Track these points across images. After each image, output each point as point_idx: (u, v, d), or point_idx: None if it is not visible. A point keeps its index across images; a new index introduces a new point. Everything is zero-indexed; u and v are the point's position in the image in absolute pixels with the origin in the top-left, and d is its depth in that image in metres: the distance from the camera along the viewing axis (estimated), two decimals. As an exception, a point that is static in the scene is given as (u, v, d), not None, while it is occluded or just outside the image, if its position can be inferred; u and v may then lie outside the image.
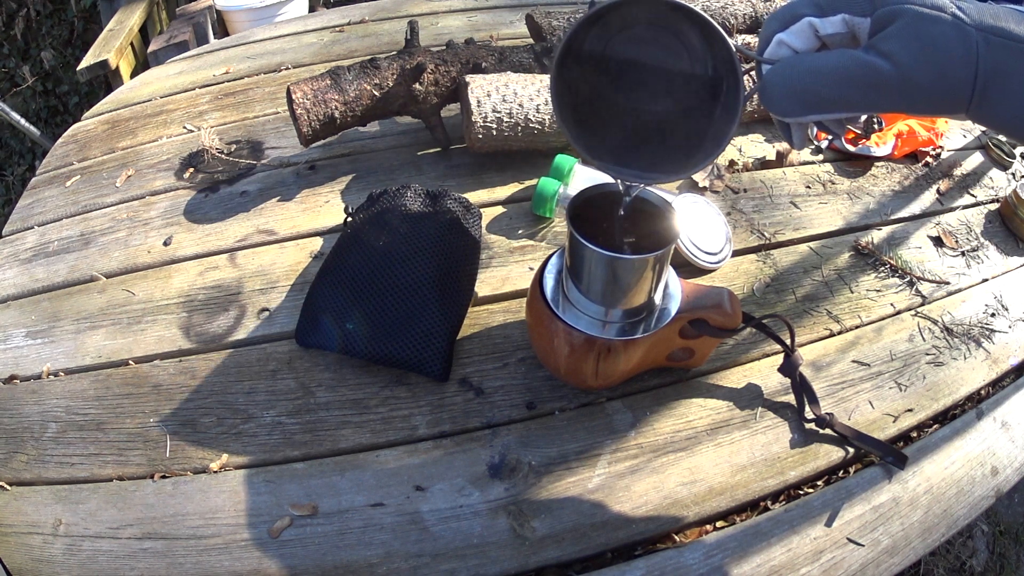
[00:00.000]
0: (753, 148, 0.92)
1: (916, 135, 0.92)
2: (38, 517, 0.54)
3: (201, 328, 0.68)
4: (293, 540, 0.52)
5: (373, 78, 0.79)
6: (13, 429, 0.60)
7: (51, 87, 2.57)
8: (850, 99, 0.35)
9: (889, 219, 0.85)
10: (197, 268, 0.74)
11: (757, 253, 0.78)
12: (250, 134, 0.93)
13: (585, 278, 0.51)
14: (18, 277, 0.75)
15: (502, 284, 0.72)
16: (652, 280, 0.51)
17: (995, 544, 1.41)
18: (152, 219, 0.80)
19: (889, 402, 0.65)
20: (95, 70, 1.57)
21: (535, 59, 0.87)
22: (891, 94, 0.34)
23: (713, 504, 0.56)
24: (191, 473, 0.57)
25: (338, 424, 0.60)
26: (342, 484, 0.56)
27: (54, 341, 0.67)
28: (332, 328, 0.62)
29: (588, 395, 0.62)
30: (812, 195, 0.86)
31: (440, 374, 0.62)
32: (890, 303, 0.74)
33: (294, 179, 0.85)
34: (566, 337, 0.54)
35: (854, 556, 0.54)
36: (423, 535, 0.53)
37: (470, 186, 0.83)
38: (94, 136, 0.96)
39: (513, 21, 1.20)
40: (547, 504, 0.55)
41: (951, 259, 0.81)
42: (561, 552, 0.52)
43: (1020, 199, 0.85)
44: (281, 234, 0.77)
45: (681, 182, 0.85)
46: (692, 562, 0.52)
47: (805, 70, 0.36)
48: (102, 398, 0.62)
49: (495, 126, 0.77)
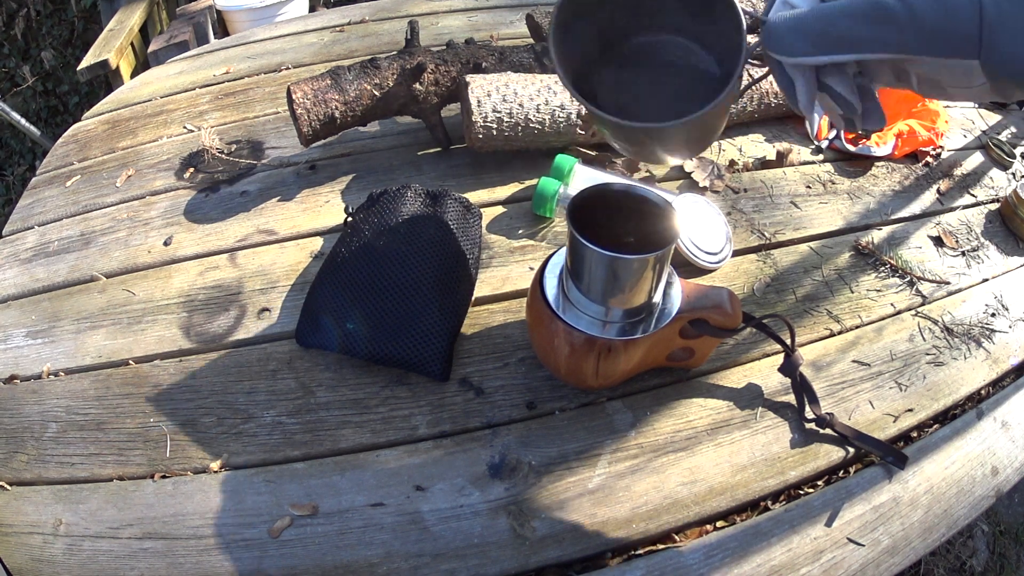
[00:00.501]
0: (753, 148, 0.92)
1: (916, 135, 0.92)
2: (38, 517, 0.54)
3: (201, 328, 0.68)
4: (293, 540, 0.52)
5: (373, 78, 0.79)
6: (13, 429, 0.60)
7: (51, 87, 2.57)
8: (860, 35, 0.35)
9: (889, 219, 0.85)
10: (197, 268, 0.74)
11: (757, 253, 0.78)
12: (250, 134, 0.93)
13: (585, 278, 0.51)
14: (18, 277, 0.75)
15: (502, 284, 0.72)
16: (652, 280, 0.51)
17: (995, 544, 1.41)
18: (152, 219, 0.80)
19: (889, 402, 0.65)
20: (95, 70, 1.57)
21: (535, 59, 0.87)
22: (900, 31, 0.34)
23: (713, 504, 0.56)
24: (191, 473, 0.57)
25: (338, 424, 0.60)
26: (342, 484, 0.56)
27: (54, 341, 0.67)
28: (332, 328, 0.62)
29: (588, 395, 0.62)
30: (812, 195, 0.86)
31: (440, 374, 0.62)
32: (890, 303, 0.74)
33: (294, 179, 0.85)
34: (566, 337, 0.54)
35: (854, 556, 0.54)
36: (423, 535, 0.53)
37: (470, 186, 0.83)
38: (94, 136, 0.96)
39: (513, 21, 1.20)
40: (547, 504, 0.55)
41: (951, 259, 0.81)
42: (561, 552, 0.52)
43: (1020, 199, 0.85)
44: (281, 234, 0.77)
45: (682, 181, 0.85)
46: (692, 562, 0.52)
47: (813, 13, 0.36)
48: (102, 398, 0.62)
49: (495, 126, 0.77)
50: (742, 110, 0.91)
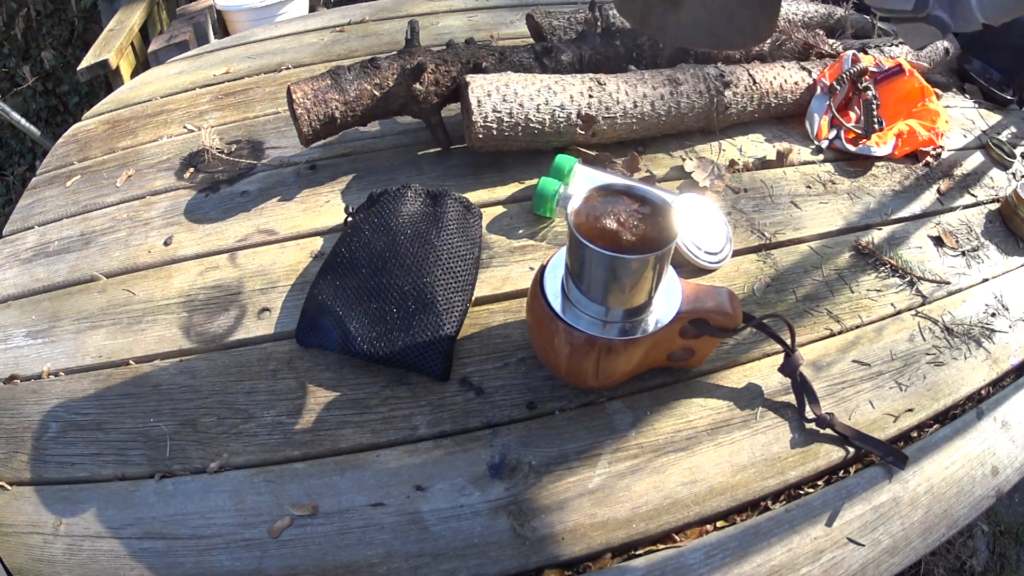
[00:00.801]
0: (753, 148, 0.92)
1: (916, 135, 0.92)
2: (39, 517, 0.54)
3: (201, 328, 0.68)
4: (293, 540, 0.52)
5: (373, 78, 0.79)
6: (14, 429, 0.60)
7: (51, 87, 2.57)
8: None
9: (889, 219, 0.85)
10: (197, 268, 0.74)
11: (757, 253, 0.78)
12: (250, 134, 0.93)
13: (586, 278, 0.51)
14: (18, 277, 0.75)
15: (502, 284, 0.72)
16: (652, 280, 0.51)
17: (995, 544, 1.41)
18: (152, 219, 0.80)
19: (889, 402, 0.65)
20: (95, 70, 1.57)
21: (535, 59, 0.87)
22: None
23: (713, 504, 0.56)
24: (191, 473, 0.57)
25: (338, 424, 0.60)
26: (342, 484, 0.56)
27: (54, 341, 0.67)
28: (332, 328, 0.62)
29: (588, 395, 0.62)
30: (812, 195, 0.86)
31: (441, 374, 0.61)
32: (890, 303, 0.74)
33: (294, 179, 0.85)
34: (567, 337, 0.54)
35: (854, 556, 0.54)
36: (423, 535, 0.53)
37: (470, 186, 0.83)
38: (94, 136, 0.96)
39: (513, 21, 1.20)
40: (547, 504, 0.55)
41: (951, 259, 0.81)
42: (561, 552, 0.52)
43: (1020, 199, 0.85)
44: (281, 234, 0.77)
45: (682, 181, 0.85)
46: (692, 562, 0.52)
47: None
48: (102, 398, 0.62)
49: (495, 126, 0.77)
50: (742, 110, 0.91)
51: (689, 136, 0.92)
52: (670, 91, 0.85)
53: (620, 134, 0.85)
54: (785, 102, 0.94)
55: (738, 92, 0.89)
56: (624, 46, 0.91)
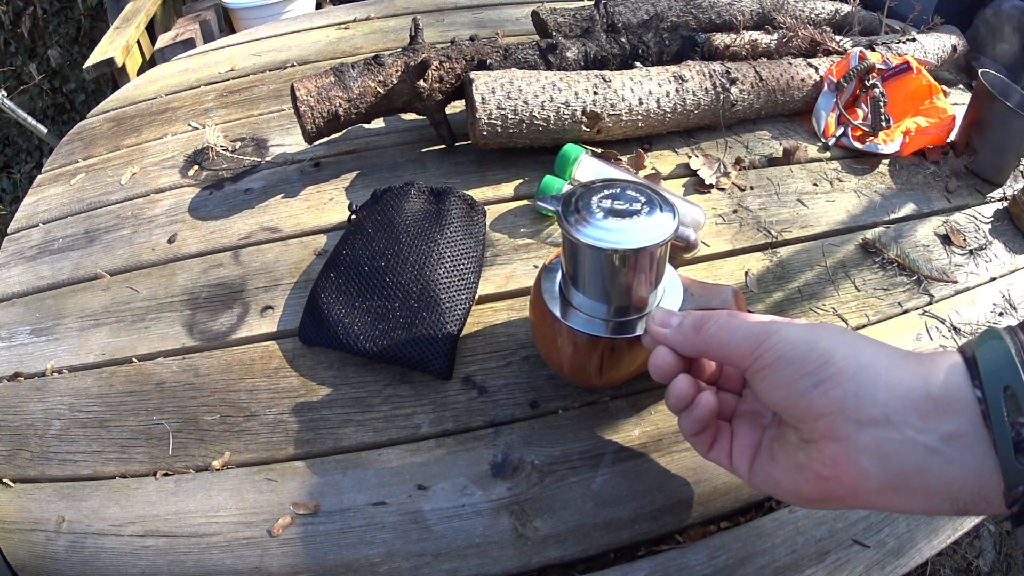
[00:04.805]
0: (760, 145, 0.91)
1: (924, 132, 0.91)
2: (41, 514, 0.54)
3: (204, 326, 0.68)
4: (295, 538, 0.52)
5: (377, 75, 0.78)
6: (17, 426, 0.61)
7: (58, 85, 2.58)
8: None
9: (897, 217, 0.84)
10: (201, 265, 0.74)
11: (764, 251, 0.77)
12: (255, 131, 0.93)
13: (582, 274, 0.51)
14: (23, 275, 0.75)
15: (506, 282, 0.71)
16: (650, 275, 0.50)
17: (1002, 544, 1.40)
18: (157, 216, 0.80)
19: (896, 402, 0.64)
20: (101, 68, 1.58)
21: (540, 56, 0.86)
22: None
23: (717, 504, 0.56)
24: (193, 471, 0.57)
25: (340, 422, 0.60)
26: (344, 483, 0.56)
27: (58, 339, 0.68)
28: (335, 326, 0.62)
29: (592, 394, 0.62)
30: (819, 192, 0.85)
31: (443, 373, 0.61)
32: (897, 301, 0.74)
33: (298, 176, 0.84)
34: (569, 336, 0.54)
35: (859, 557, 0.54)
36: (425, 534, 0.53)
37: (475, 183, 0.83)
38: (99, 134, 0.96)
39: (519, 18, 1.19)
40: (550, 504, 0.55)
41: (959, 257, 0.80)
42: (564, 552, 0.52)
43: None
44: (285, 231, 0.77)
45: (687, 179, 0.84)
46: (696, 563, 0.52)
47: None
48: (105, 396, 0.62)
49: (500, 123, 0.77)
50: (748, 107, 0.90)
51: (695, 133, 0.92)
52: (676, 88, 0.84)
53: (625, 131, 0.84)
54: (792, 99, 0.93)
55: (744, 89, 0.88)
56: (629, 43, 0.91)
